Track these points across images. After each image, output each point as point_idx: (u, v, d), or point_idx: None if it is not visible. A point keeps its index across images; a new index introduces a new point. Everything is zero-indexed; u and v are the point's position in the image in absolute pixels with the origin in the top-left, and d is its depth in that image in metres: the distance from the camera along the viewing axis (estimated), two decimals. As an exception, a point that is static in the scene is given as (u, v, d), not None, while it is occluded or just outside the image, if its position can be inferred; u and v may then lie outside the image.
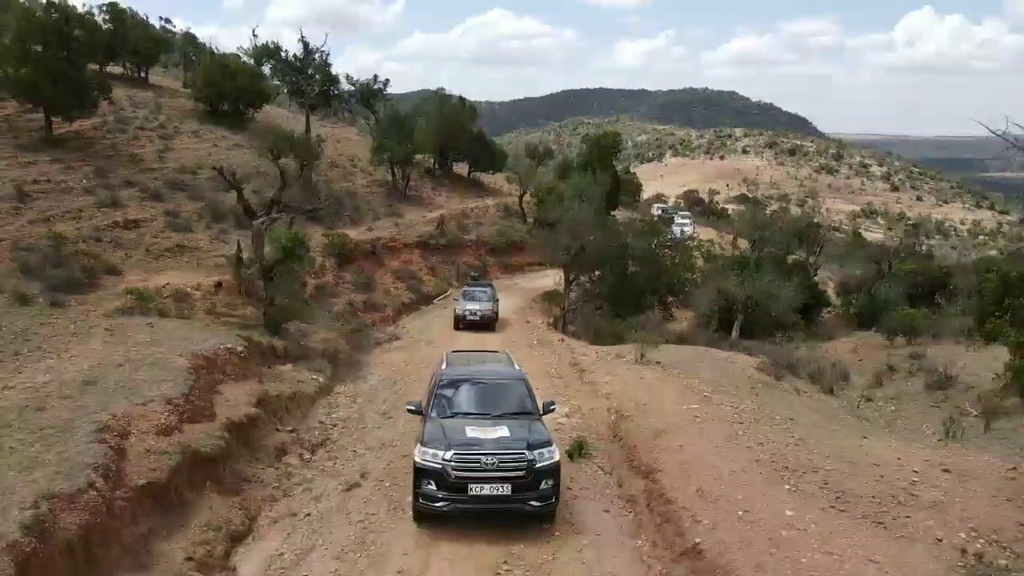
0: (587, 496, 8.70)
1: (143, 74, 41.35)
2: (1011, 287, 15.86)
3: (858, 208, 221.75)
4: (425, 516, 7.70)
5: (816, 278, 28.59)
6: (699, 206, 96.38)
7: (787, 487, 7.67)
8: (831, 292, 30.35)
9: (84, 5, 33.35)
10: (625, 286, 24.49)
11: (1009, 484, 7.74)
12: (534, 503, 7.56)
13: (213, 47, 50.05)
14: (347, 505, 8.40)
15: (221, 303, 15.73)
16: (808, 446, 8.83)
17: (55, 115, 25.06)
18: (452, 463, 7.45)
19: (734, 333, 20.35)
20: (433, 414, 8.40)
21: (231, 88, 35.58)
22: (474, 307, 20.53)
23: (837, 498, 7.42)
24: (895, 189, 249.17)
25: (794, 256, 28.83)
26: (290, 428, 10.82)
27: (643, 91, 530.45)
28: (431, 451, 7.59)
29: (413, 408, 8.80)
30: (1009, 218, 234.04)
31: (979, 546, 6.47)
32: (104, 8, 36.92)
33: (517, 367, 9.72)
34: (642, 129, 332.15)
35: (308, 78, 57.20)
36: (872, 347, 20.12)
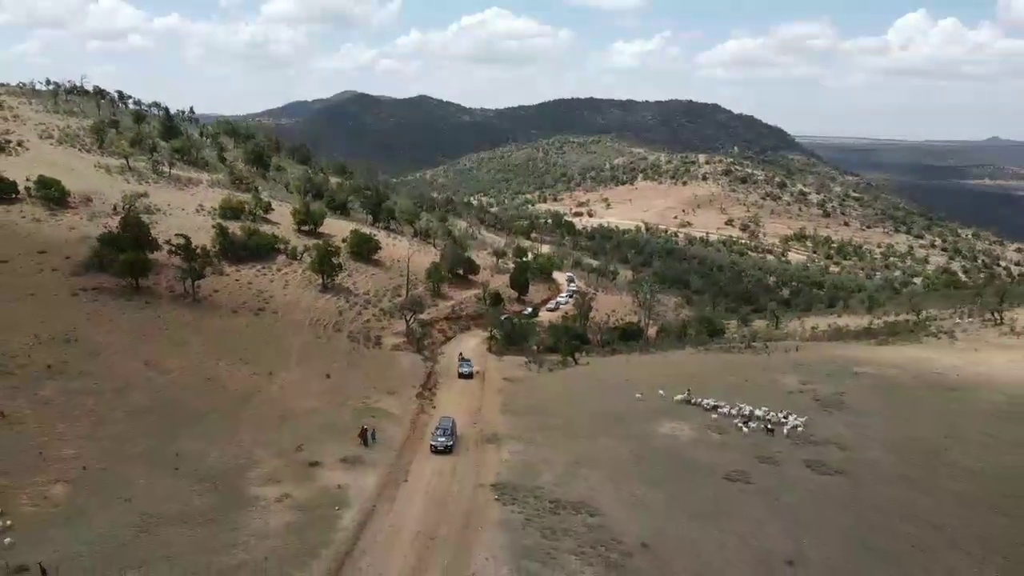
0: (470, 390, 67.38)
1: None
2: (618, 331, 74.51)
3: (791, 232, 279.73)
4: (433, 452, 48.43)
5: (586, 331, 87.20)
6: (637, 246, 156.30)
7: (497, 375, 66.09)
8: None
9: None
10: (515, 334, 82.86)
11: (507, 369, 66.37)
12: (448, 450, 48.71)
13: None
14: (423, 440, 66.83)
15: (405, 345, 73.91)
16: (501, 368, 67.42)
17: (328, 276, 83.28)
18: (436, 443, 48.79)
19: (538, 352, 78.54)
20: (435, 432, 50.33)
21: (364, 245, 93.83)
22: (465, 369, 68.88)
23: (504, 376, 65.71)
24: (827, 215, 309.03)
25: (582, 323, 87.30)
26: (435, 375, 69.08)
27: (631, 101, 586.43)
28: (432, 441, 49.03)
29: (433, 431, 56.31)
30: (922, 242, 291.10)
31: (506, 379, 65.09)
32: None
33: (452, 416, 62.71)
34: (619, 151, 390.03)
35: (377, 206, 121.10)
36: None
